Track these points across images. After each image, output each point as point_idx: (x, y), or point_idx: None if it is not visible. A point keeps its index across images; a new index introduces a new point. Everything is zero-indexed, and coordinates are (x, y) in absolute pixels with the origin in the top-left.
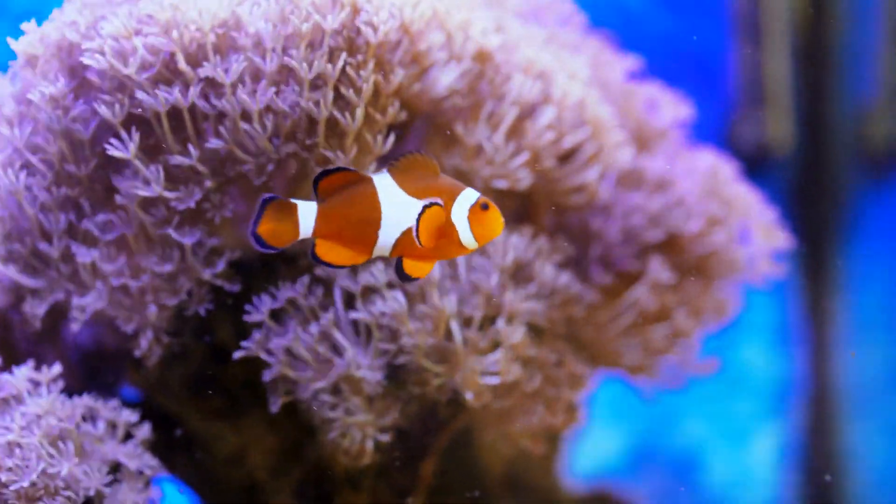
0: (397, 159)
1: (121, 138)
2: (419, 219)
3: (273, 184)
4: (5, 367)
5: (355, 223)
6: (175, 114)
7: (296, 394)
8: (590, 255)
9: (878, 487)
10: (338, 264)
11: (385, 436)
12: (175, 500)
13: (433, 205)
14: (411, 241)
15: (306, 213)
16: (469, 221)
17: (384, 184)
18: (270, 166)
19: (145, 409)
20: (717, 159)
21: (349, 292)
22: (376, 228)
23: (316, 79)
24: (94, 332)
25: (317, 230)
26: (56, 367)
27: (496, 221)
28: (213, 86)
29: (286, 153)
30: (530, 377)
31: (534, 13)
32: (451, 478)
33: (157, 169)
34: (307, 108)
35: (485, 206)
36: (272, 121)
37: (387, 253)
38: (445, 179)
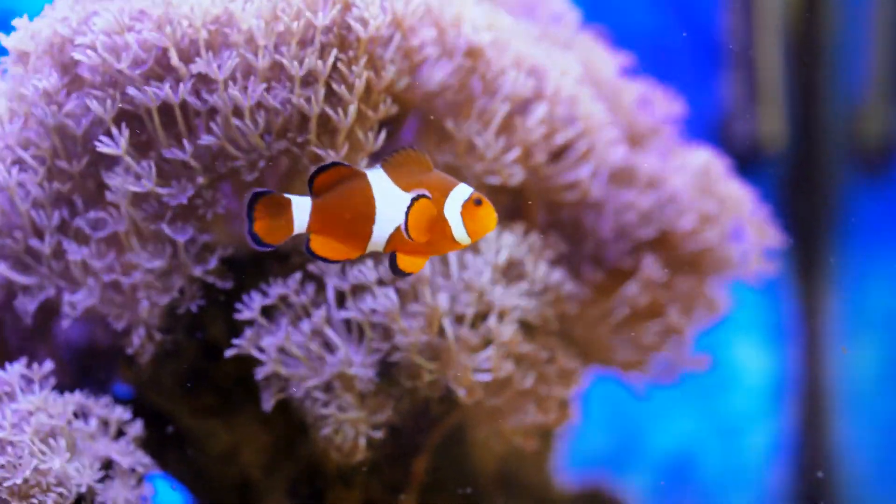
0: (391, 155)
1: (112, 135)
2: (408, 212)
3: (265, 180)
4: None
5: (349, 218)
6: (166, 110)
7: (288, 391)
8: (582, 251)
9: (870, 484)
10: (332, 259)
11: (378, 433)
12: (167, 497)
13: (421, 197)
14: (405, 236)
15: (301, 208)
16: (462, 217)
17: (378, 179)
18: (262, 163)
19: (137, 406)
20: (709, 156)
21: (341, 290)
22: (370, 223)
23: (307, 75)
24: (86, 329)
25: (311, 225)
26: (47, 364)
27: (489, 217)
28: (204, 82)
29: (278, 150)
30: (523, 374)
31: (526, 10)
32: (444, 475)
33: (148, 164)
34: (298, 105)
35: (478, 202)
36: (263, 117)
37: (381, 248)
38: (439, 175)
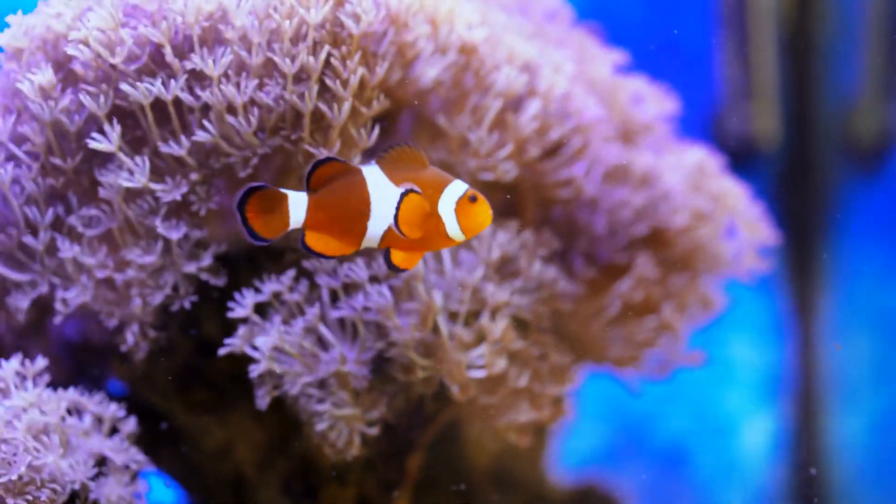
0: (386, 151)
1: (104, 131)
2: (398, 207)
3: (259, 177)
4: None
5: (345, 214)
6: (160, 106)
7: (283, 389)
8: (576, 248)
9: (863, 480)
10: (328, 254)
11: (372, 430)
12: (161, 494)
13: (410, 192)
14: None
15: (297, 203)
16: (456, 214)
17: (373, 175)
18: (255, 159)
19: (131, 402)
20: (703, 154)
21: (334, 288)
22: (365, 219)
23: (300, 72)
24: (80, 326)
25: (307, 221)
26: (40, 361)
27: (484, 214)
28: (198, 78)
29: (271, 146)
30: (517, 372)
31: (520, 7)
32: (438, 471)
33: (141, 160)
34: (291, 102)
35: (473, 199)
36: (257, 114)
37: (376, 244)
38: (434, 171)
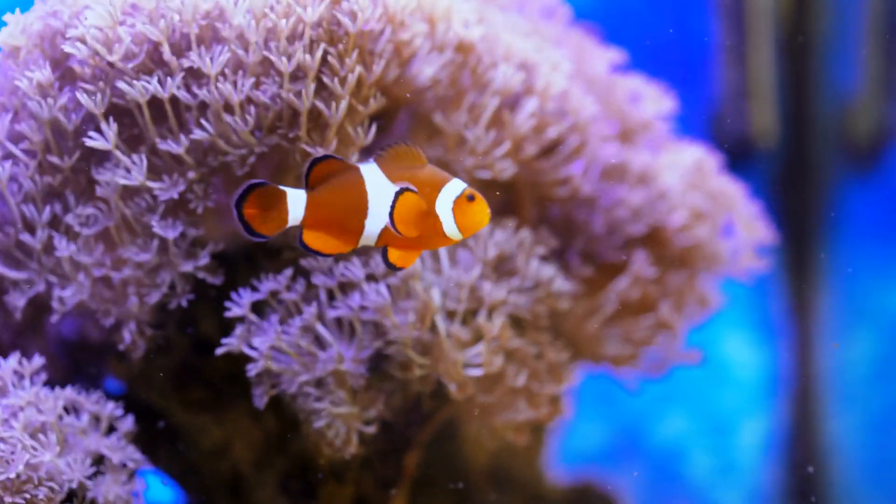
0: (384, 149)
1: (101, 130)
2: (392, 205)
3: (256, 175)
4: None
5: (343, 212)
6: (157, 104)
7: (280, 388)
8: (573, 247)
9: (860, 479)
10: (325, 252)
11: (370, 428)
12: (159, 492)
13: (406, 191)
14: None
15: (295, 200)
16: (454, 213)
17: (371, 173)
18: (252, 158)
19: (129, 401)
20: (701, 152)
21: (331, 287)
22: (363, 217)
23: (297, 70)
24: (77, 325)
25: (305, 218)
26: (37, 359)
27: (482, 213)
28: (195, 76)
29: (268, 145)
30: (515, 371)
31: (517, 5)
32: (436, 470)
33: (139, 158)
34: (288, 100)
35: (471, 198)
36: (254, 112)
37: (373, 242)
38: (432, 170)
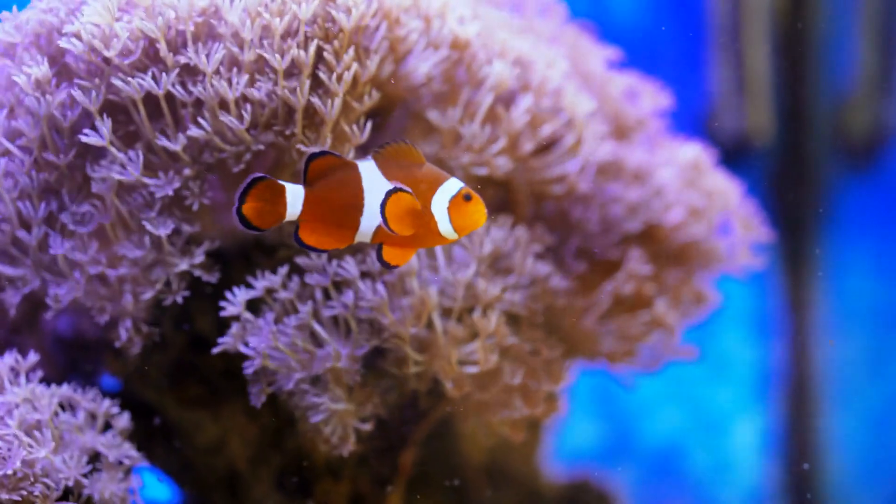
0: (382, 147)
1: (97, 127)
2: (383, 205)
3: (252, 171)
4: None
5: (339, 208)
6: (153, 101)
7: (277, 386)
8: (569, 244)
9: (855, 476)
10: (320, 248)
11: (366, 425)
12: (155, 489)
13: (397, 190)
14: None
15: (294, 195)
16: (449, 212)
17: (368, 170)
18: (248, 155)
19: (124, 398)
20: (697, 150)
21: (325, 286)
22: (358, 215)
23: (291, 67)
24: (73, 322)
25: (302, 214)
26: (32, 356)
27: (477, 213)
28: (190, 73)
29: (264, 142)
30: (511, 368)
31: (513, 3)
32: (431, 467)
33: (135, 154)
34: (283, 97)
35: (467, 197)
36: (249, 110)
37: (368, 239)
38: (430, 168)
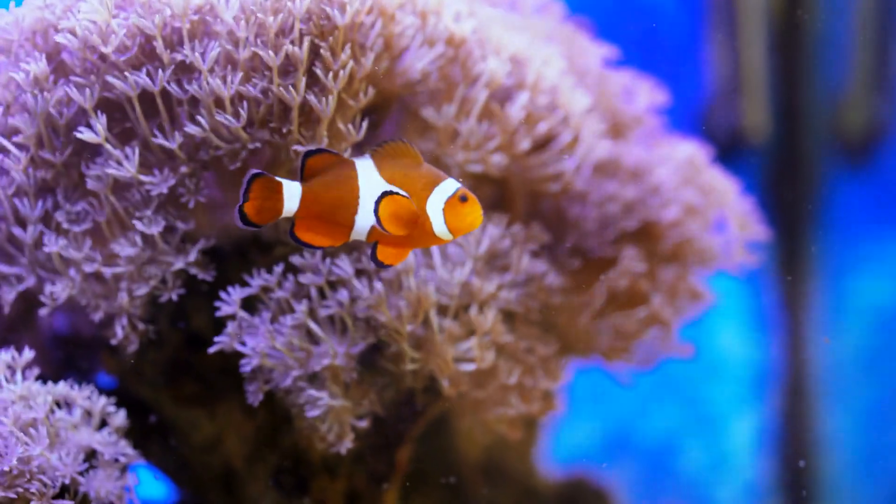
0: (380, 145)
1: (92, 124)
2: (376, 207)
3: (248, 169)
4: None
5: (334, 205)
6: (149, 98)
7: (273, 384)
8: (566, 242)
9: (851, 472)
10: (316, 245)
11: (362, 422)
12: (151, 487)
13: (389, 194)
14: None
15: (291, 192)
16: (444, 213)
17: (365, 169)
18: (244, 153)
19: (120, 395)
20: (694, 147)
21: (320, 285)
22: (354, 212)
23: (287, 64)
24: (70, 320)
25: (298, 210)
26: (27, 352)
27: (473, 215)
28: (185, 70)
29: (260, 139)
30: (507, 366)
31: (510, 1)
32: (428, 464)
33: (130, 151)
34: (279, 94)
35: (463, 199)
36: (245, 107)
37: (363, 237)
38: (427, 168)
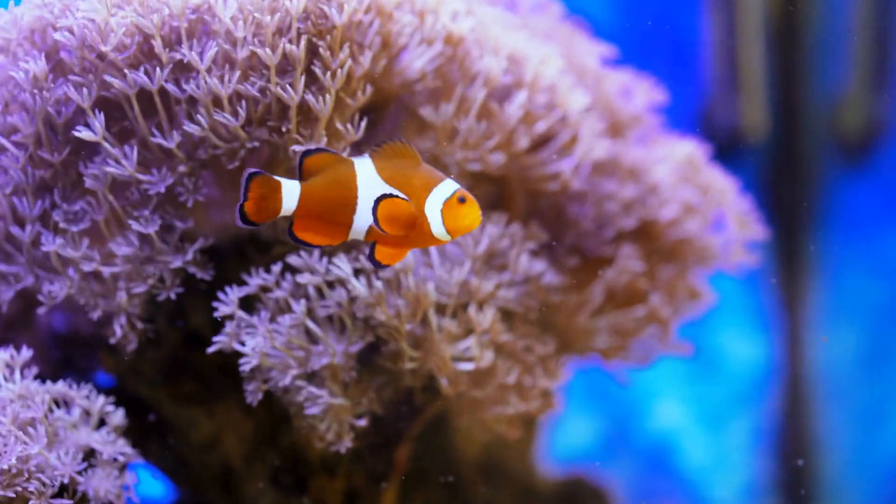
0: (379, 145)
1: (89, 123)
2: (374, 210)
3: (246, 168)
4: None
5: (333, 205)
6: (147, 97)
7: (272, 383)
8: (564, 241)
9: (849, 471)
10: (314, 244)
11: (361, 421)
12: (150, 486)
13: (388, 196)
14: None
15: (290, 191)
16: (443, 214)
17: (364, 169)
18: (243, 151)
19: (119, 394)
20: (692, 146)
21: (318, 284)
22: (352, 212)
23: (285, 64)
24: (68, 319)
25: (297, 209)
26: (25, 351)
27: (472, 216)
28: (184, 69)
29: (258, 138)
30: (506, 365)
31: (509, 0)
32: (427, 463)
33: (129, 149)
34: (276, 93)
35: (462, 200)
36: (243, 106)
37: (361, 236)
38: (426, 169)
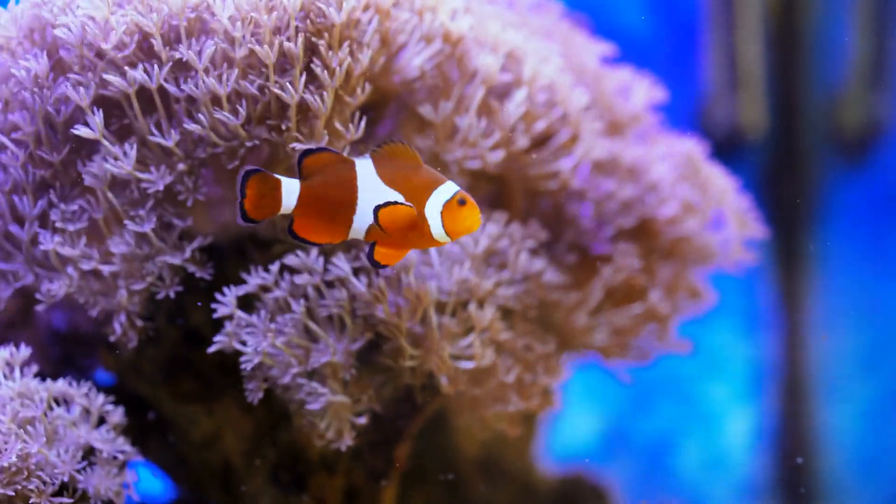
0: (379, 146)
1: (88, 121)
2: (376, 215)
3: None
4: None
5: (333, 204)
6: (146, 95)
7: (273, 381)
8: (563, 239)
9: (849, 470)
10: (314, 242)
11: (360, 419)
12: (150, 483)
13: (387, 205)
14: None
15: (290, 189)
16: (442, 217)
17: (364, 169)
18: (242, 150)
19: (119, 392)
20: (691, 145)
21: (317, 284)
22: (352, 212)
23: (284, 62)
24: (68, 317)
25: (297, 207)
26: (24, 349)
27: (471, 218)
28: (182, 68)
29: (257, 137)
30: (505, 364)
31: None
32: (426, 461)
33: (128, 147)
34: (275, 92)
35: (462, 202)
36: (243, 105)
37: (361, 236)
38: (426, 171)
